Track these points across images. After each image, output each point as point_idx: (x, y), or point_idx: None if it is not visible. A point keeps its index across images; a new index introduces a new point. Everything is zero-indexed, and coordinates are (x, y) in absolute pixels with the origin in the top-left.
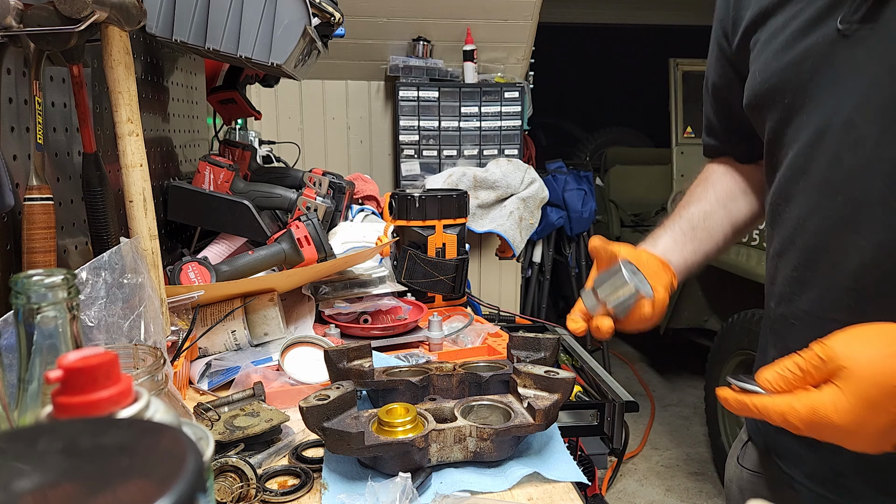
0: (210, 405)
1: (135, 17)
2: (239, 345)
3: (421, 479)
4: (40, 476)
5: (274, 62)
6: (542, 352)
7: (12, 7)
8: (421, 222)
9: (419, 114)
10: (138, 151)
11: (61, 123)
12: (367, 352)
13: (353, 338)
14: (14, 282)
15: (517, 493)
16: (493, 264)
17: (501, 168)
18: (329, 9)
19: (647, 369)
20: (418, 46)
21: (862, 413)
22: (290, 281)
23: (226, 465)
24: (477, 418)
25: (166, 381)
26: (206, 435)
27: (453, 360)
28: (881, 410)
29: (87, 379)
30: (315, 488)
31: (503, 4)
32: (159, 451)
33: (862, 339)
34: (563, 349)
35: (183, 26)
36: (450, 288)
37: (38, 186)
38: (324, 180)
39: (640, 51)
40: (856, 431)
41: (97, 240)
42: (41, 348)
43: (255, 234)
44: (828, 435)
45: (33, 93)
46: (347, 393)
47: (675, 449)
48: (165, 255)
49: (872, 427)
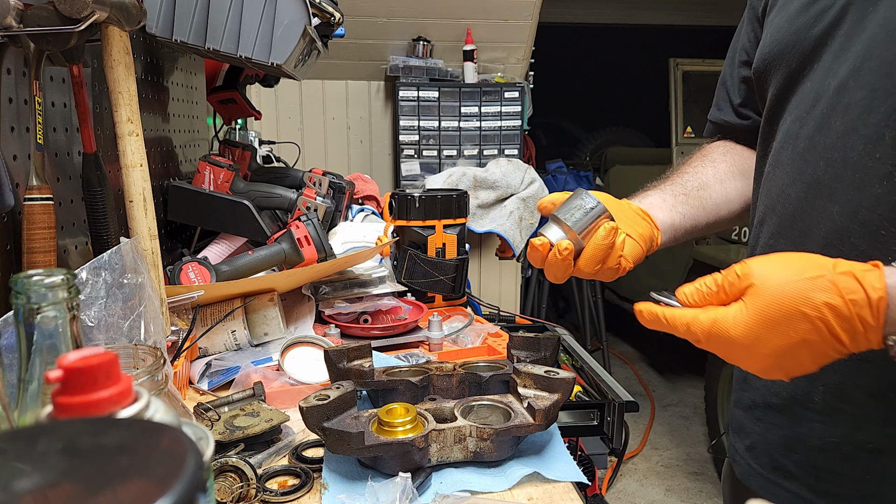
0: (210, 405)
1: (135, 17)
2: (239, 345)
3: (421, 479)
4: (40, 476)
5: (274, 62)
6: (542, 352)
7: (12, 7)
8: (421, 222)
9: (419, 114)
10: (138, 151)
11: (61, 123)
12: (367, 352)
13: (353, 338)
14: (14, 282)
15: (517, 493)
16: (493, 264)
17: (501, 168)
18: (329, 9)
19: (647, 369)
20: (418, 46)
21: (759, 330)
22: (290, 281)
23: (226, 465)
24: (477, 418)
25: (166, 381)
26: (206, 435)
27: (453, 360)
28: (778, 331)
29: (87, 379)
30: (315, 488)
31: (503, 4)
32: (159, 451)
33: (780, 262)
34: (563, 349)
35: (183, 26)
36: (450, 288)
37: (38, 186)
38: (324, 180)
39: (640, 51)
40: (749, 347)
41: (97, 240)
42: (41, 348)
43: (255, 234)
44: (724, 350)
45: (33, 93)
46: (347, 393)
47: (675, 449)
48: (165, 255)
49: (767, 347)
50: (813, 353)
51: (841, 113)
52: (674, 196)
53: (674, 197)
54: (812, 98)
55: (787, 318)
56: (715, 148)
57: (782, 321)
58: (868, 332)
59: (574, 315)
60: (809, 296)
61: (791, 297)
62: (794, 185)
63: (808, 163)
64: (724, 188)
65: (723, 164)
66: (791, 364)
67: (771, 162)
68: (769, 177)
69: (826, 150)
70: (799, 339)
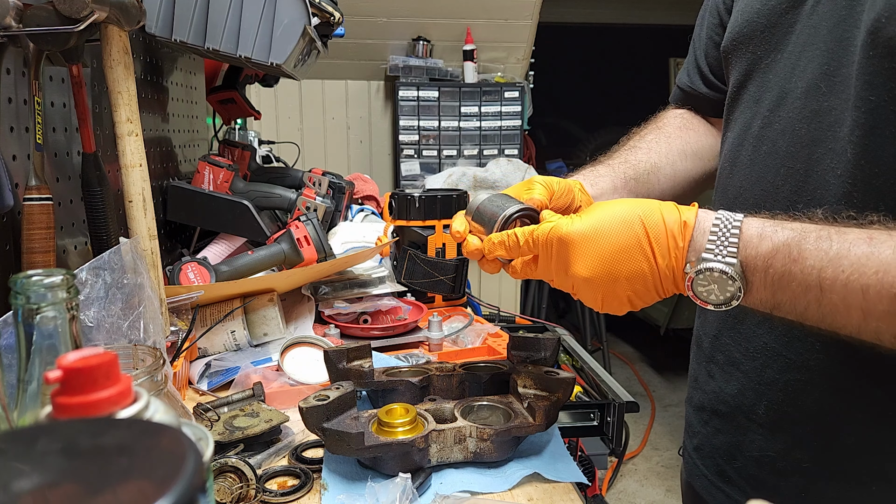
0: (209, 405)
1: (134, 16)
2: (238, 345)
3: (421, 480)
4: (40, 476)
5: (273, 62)
6: (542, 352)
7: (12, 7)
8: (421, 222)
9: (419, 114)
10: (138, 151)
11: (61, 123)
12: (366, 352)
13: (353, 338)
14: (13, 282)
15: (517, 494)
16: None
17: (501, 168)
18: (329, 8)
19: (647, 369)
20: (418, 46)
21: (589, 232)
22: (290, 281)
23: (225, 466)
24: (477, 419)
25: (166, 381)
26: (205, 435)
27: (453, 360)
28: (603, 235)
29: (87, 379)
30: (315, 489)
31: (503, 4)
32: (159, 452)
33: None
34: (563, 349)
35: (182, 26)
36: (450, 288)
37: (37, 186)
38: (323, 180)
39: (640, 51)
40: (580, 250)
41: (96, 240)
42: (40, 348)
43: (255, 234)
44: (556, 262)
45: (33, 93)
46: (347, 393)
47: (675, 449)
48: (165, 255)
49: (595, 251)
50: (629, 265)
51: (808, 119)
52: (625, 182)
53: (625, 183)
54: (776, 95)
55: (611, 223)
56: (672, 120)
57: (607, 225)
58: (674, 250)
59: (574, 315)
60: (632, 209)
61: (619, 211)
62: (753, 188)
63: (769, 168)
64: (673, 170)
65: (677, 142)
66: (613, 280)
67: (728, 158)
68: (726, 174)
69: (789, 157)
70: (619, 246)
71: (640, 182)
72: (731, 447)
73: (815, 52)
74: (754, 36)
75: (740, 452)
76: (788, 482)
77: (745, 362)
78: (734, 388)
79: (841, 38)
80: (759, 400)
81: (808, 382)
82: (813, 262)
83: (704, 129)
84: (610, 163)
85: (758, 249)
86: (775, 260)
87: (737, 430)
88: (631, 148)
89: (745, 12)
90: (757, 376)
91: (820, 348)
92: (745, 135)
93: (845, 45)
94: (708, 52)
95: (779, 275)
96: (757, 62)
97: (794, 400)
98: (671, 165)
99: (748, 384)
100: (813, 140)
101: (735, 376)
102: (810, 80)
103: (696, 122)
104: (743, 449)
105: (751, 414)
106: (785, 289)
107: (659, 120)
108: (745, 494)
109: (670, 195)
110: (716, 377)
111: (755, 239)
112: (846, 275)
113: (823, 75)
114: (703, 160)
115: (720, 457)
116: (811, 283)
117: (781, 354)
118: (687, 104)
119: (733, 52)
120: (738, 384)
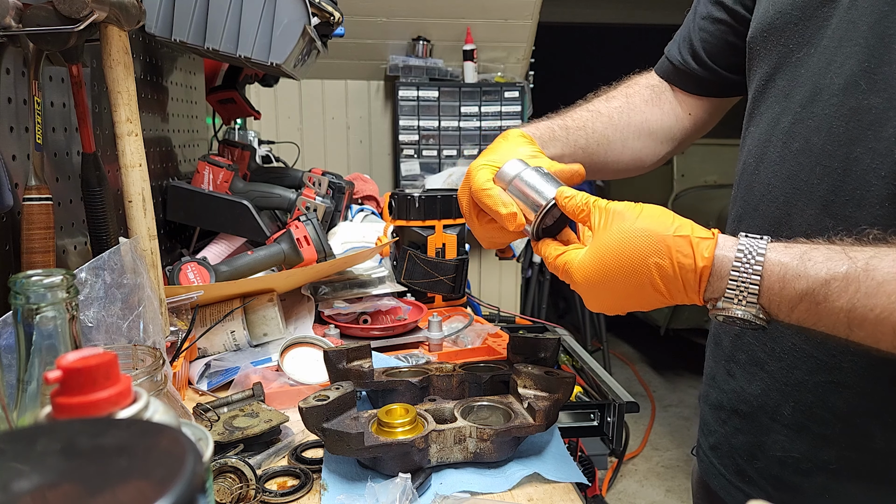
0: (209, 406)
1: (134, 16)
2: (238, 345)
3: (421, 480)
4: (39, 476)
5: (273, 62)
6: (542, 352)
7: (11, 7)
8: (421, 222)
9: (419, 113)
10: (137, 151)
11: (60, 123)
12: (366, 352)
13: (353, 338)
14: (13, 282)
15: (517, 494)
16: (493, 264)
17: None
18: (329, 8)
19: (647, 369)
20: (418, 46)
21: (596, 277)
22: (290, 281)
23: (225, 466)
24: (477, 419)
25: (165, 381)
26: (205, 435)
27: (453, 360)
28: (611, 281)
29: (86, 379)
30: (315, 489)
31: (503, 4)
32: (158, 452)
33: (631, 211)
34: (564, 350)
35: (182, 26)
36: (450, 288)
37: (37, 186)
38: (323, 180)
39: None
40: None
41: (96, 240)
42: (40, 348)
43: (255, 234)
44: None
45: (32, 93)
46: (347, 393)
47: (675, 449)
48: (164, 255)
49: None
50: (640, 300)
51: (846, 118)
52: (573, 151)
53: (573, 152)
54: (809, 90)
55: (619, 270)
56: (643, 90)
57: (615, 273)
58: (689, 292)
59: (574, 315)
60: (643, 255)
61: (628, 254)
62: (783, 186)
63: (802, 166)
64: (623, 147)
65: (638, 117)
66: (623, 305)
67: (753, 153)
68: (751, 170)
69: (824, 156)
70: (627, 290)
71: (589, 153)
72: (752, 447)
73: (853, 48)
74: (786, 28)
75: (762, 452)
76: (812, 482)
77: (771, 362)
78: (757, 388)
79: (883, 35)
80: (786, 400)
81: (840, 384)
82: (841, 303)
83: (669, 108)
84: (568, 126)
85: (781, 295)
86: (800, 305)
87: (759, 430)
88: (594, 113)
89: (777, 3)
90: (783, 377)
91: (853, 350)
92: (774, 130)
93: (887, 43)
94: (703, 28)
95: (804, 317)
96: (787, 55)
97: (823, 401)
98: (622, 142)
99: (773, 384)
100: (851, 139)
101: (759, 376)
102: (848, 76)
103: (665, 99)
104: (765, 449)
105: (775, 414)
106: (810, 326)
107: (631, 86)
108: (766, 494)
109: (612, 169)
110: (737, 376)
111: (777, 285)
112: (875, 314)
113: (863, 72)
114: (656, 141)
115: (740, 456)
116: (839, 322)
117: (812, 356)
118: (673, 79)
119: (762, 43)
120: (762, 384)
